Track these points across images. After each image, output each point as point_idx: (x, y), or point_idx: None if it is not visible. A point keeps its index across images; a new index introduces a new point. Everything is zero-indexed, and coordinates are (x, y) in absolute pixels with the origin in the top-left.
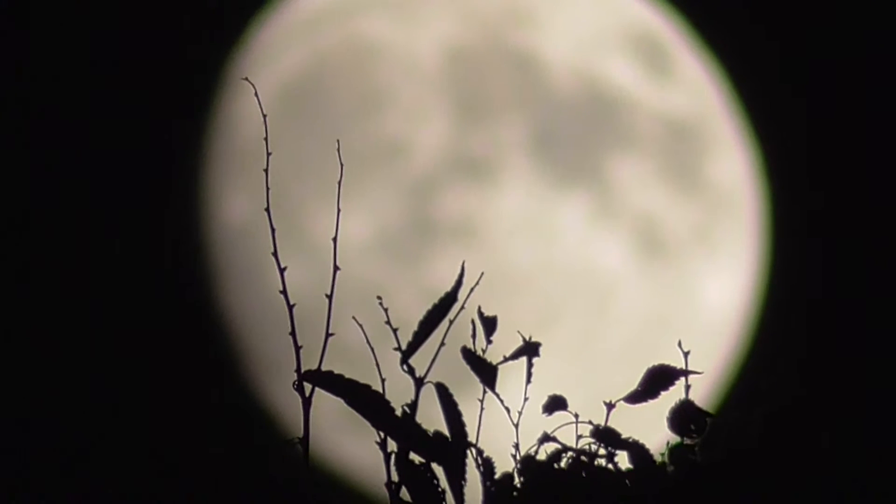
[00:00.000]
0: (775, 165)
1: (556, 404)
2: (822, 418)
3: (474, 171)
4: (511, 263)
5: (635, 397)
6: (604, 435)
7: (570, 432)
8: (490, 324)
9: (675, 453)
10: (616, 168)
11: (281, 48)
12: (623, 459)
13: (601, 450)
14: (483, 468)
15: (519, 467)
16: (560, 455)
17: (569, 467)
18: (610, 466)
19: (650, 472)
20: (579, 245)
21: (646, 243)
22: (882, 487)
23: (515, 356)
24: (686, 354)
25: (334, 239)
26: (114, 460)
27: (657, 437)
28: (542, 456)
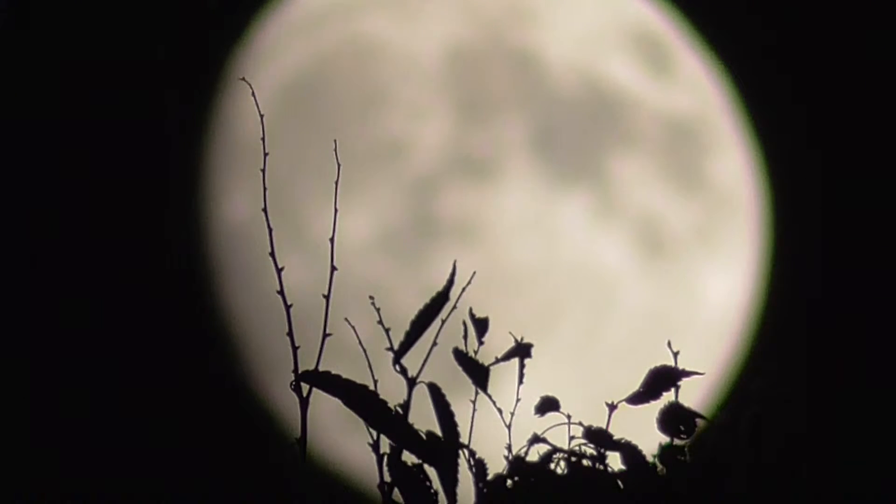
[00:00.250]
0: (775, 165)
1: (549, 405)
2: (815, 420)
3: (475, 170)
4: (512, 262)
5: (637, 398)
6: (595, 436)
7: (568, 433)
8: (481, 325)
9: (665, 454)
10: (617, 167)
11: (281, 47)
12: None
13: (591, 450)
14: (475, 469)
15: (508, 468)
16: (552, 456)
17: (562, 468)
18: (600, 467)
19: (642, 473)
20: (580, 244)
21: (646, 242)
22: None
23: (507, 357)
24: (676, 355)
25: (332, 239)
26: (113, 460)
27: (657, 438)
28: (534, 457)
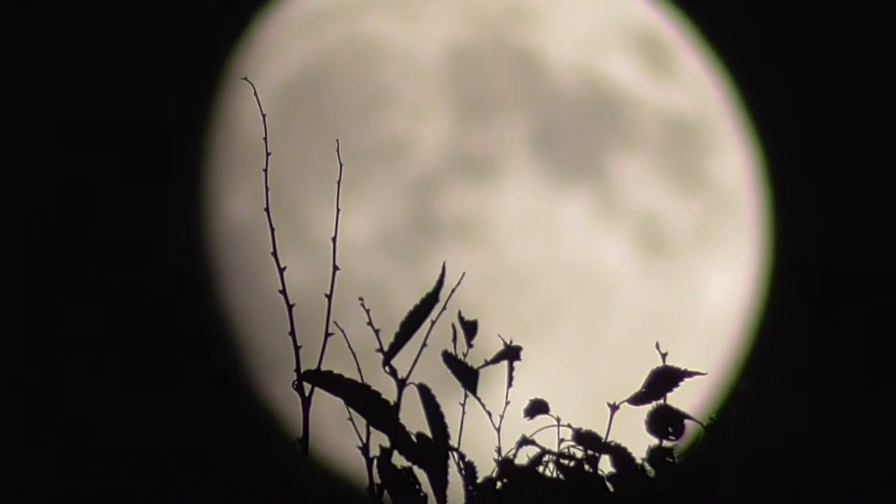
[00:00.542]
0: (775, 165)
1: (538, 408)
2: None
3: (476, 170)
4: (512, 262)
5: (639, 398)
6: (585, 438)
7: (558, 435)
8: (471, 327)
9: (654, 456)
10: (617, 166)
11: (282, 46)
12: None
13: (580, 453)
14: (465, 472)
15: (497, 471)
16: (541, 459)
17: (552, 471)
18: (590, 469)
19: (631, 476)
20: (580, 243)
21: (646, 242)
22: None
23: (496, 360)
24: (664, 356)
25: (333, 239)
26: (113, 460)
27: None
28: (524, 460)
